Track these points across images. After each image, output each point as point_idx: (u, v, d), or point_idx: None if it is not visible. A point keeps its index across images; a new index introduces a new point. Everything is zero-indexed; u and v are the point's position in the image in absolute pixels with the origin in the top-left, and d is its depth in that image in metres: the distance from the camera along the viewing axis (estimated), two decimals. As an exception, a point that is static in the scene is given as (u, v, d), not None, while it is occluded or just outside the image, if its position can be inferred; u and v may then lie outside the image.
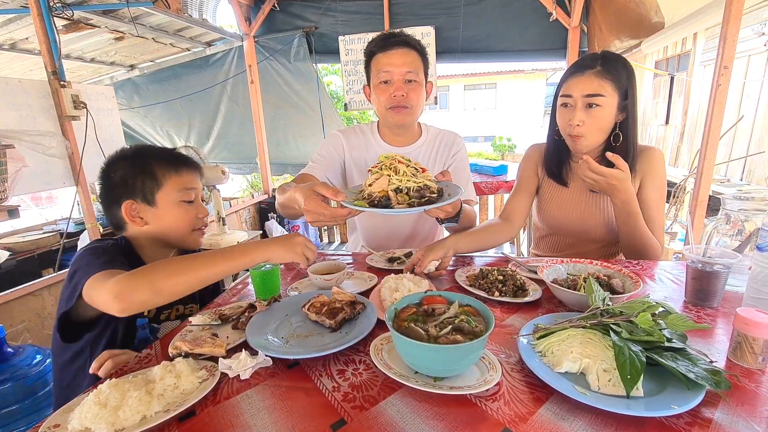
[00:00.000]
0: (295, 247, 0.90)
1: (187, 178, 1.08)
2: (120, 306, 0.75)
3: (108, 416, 0.61)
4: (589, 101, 1.18)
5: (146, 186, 1.03)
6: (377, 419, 0.60)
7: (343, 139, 1.51)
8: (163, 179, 1.04)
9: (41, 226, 3.22)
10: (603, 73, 1.17)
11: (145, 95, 4.46)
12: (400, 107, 1.37)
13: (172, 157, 1.08)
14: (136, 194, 1.03)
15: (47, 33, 2.21)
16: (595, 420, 0.58)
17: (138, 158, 1.05)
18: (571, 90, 1.21)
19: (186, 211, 1.07)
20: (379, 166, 1.02)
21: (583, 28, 3.51)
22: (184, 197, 1.06)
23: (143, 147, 1.10)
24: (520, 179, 1.49)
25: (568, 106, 1.23)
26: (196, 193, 1.09)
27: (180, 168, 1.07)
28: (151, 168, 1.03)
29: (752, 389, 0.64)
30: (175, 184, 1.05)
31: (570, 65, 1.30)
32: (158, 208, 1.04)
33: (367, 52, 1.40)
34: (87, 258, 0.90)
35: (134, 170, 1.03)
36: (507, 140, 14.86)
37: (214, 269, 0.82)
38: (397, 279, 1.04)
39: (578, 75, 1.20)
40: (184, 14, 3.12)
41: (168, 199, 1.04)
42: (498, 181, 3.42)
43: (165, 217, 1.05)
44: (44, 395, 1.47)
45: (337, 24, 3.83)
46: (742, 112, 4.45)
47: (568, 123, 1.23)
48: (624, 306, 0.75)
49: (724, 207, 1.08)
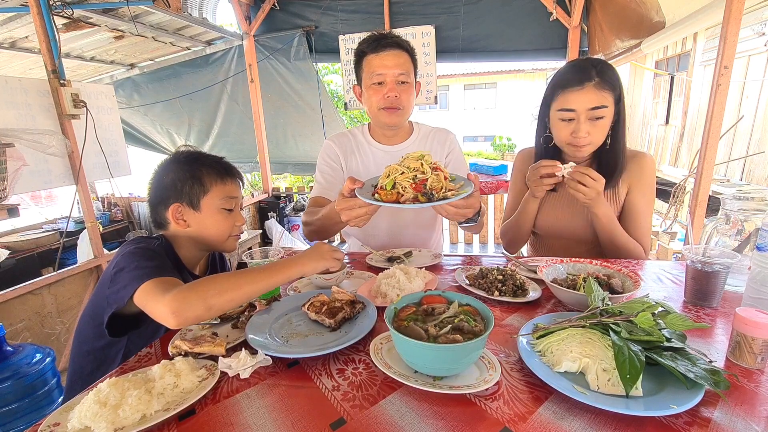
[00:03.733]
0: (324, 254, 0.96)
1: (231, 187, 1.13)
2: (176, 321, 0.79)
3: (108, 415, 0.61)
4: (594, 114, 1.18)
5: (193, 191, 1.08)
6: (377, 418, 0.60)
7: (336, 147, 1.55)
8: (210, 186, 1.09)
9: (41, 225, 3.22)
10: (602, 83, 1.16)
11: (145, 94, 4.45)
12: (393, 108, 1.39)
13: (220, 166, 1.13)
14: (183, 197, 1.07)
15: (47, 31, 2.20)
16: (594, 419, 0.58)
17: (189, 164, 1.10)
18: (572, 104, 1.19)
19: (225, 218, 1.12)
20: (397, 166, 1.03)
21: (583, 28, 3.50)
22: (226, 205, 1.11)
23: (195, 153, 1.14)
24: (513, 189, 1.53)
25: (570, 121, 1.21)
26: (236, 202, 1.14)
27: (225, 177, 1.12)
28: (200, 174, 1.08)
29: (751, 389, 0.64)
30: (220, 192, 1.10)
31: (559, 74, 1.26)
32: (201, 213, 1.09)
33: (358, 52, 1.41)
34: (136, 260, 0.91)
35: (185, 175, 1.08)
36: (507, 140, 14.86)
37: (256, 286, 0.86)
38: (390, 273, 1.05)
39: (577, 88, 1.18)
40: (183, 13, 3.12)
41: (211, 206, 1.09)
42: (498, 181, 3.43)
43: (206, 222, 1.10)
44: (44, 394, 1.47)
45: (337, 23, 3.83)
46: (742, 112, 4.46)
47: (572, 136, 1.22)
48: (623, 306, 0.75)
49: (724, 207, 1.08)
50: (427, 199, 0.94)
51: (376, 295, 1.01)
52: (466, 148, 15.26)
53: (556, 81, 1.25)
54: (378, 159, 1.53)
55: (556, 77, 1.26)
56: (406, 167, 0.99)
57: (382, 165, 1.50)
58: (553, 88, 1.25)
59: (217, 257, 1.34)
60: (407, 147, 1.54)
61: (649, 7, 2.76)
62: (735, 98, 4.58)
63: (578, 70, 1.20)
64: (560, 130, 1.25)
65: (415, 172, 0.97)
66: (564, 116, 1.22)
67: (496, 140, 14.92)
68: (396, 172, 0.98)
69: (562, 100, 1.21)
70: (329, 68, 8.17)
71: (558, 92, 1.23)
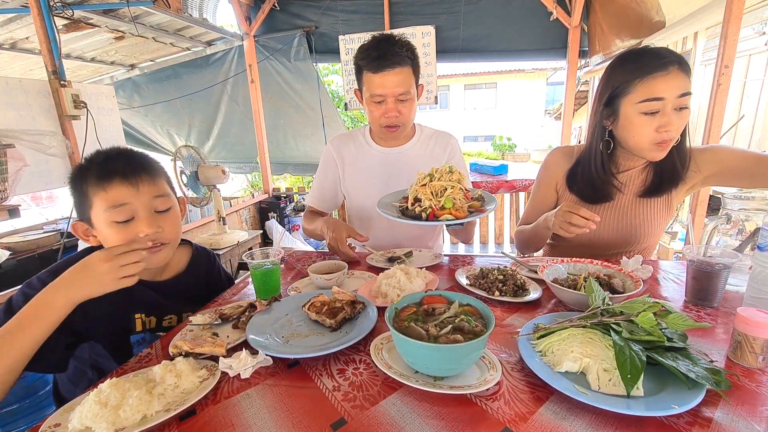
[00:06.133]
0: (100, 276, 0.70)
1: (115, 193, 0.87)
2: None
3: (108, 415, 0.61)
4: (681, 103, 1.03)
5: (82, 206, 0.90)
6: (377, 419, 0.60)
7: (333, 151, 1.58)
8: (92, 197, 0.88)
9: (42, 226, 3.22)
10: (683, 66, 1.01)
11: (145, 95, 4.45)
12: (393, 126, 1.40)
13: (102, 167, 0.89)
14: (80, 213, 0.92)
15: (47, 32, 2.21)
16: (595, 419, 0.58)
17: (77, 172, 0.91)
18: (662, 92, 1.02)
19: (118, 233, 0.88)
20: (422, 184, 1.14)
21: (583, 28, 3.50)
22: (114, 217, 0.88)
23: (93, 156, 0.93)
24: (538, 192, 1.39)
25: (654, 114, 1.05)
26: (132, 210, 0.89)
27: (104, 182, 0.87)
28: (82, 183, 0.89)
29: (752, 389, 0.64)
30: (101, 202, 0.88)
31: (630, 62, 1.07)
32: (96, 229, 0.91)
33: (357, 64, 1.37)
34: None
35: (72, 187, 0.92)
36: (507, 140, 14.87)
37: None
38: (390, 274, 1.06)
39: (663, 73, 1.01)
40: (184, 14, 3.12)
41: (99, 219, 0.89)
42: (498, 181, 3.43)
43: (103, 239, 0.91)
44: (45, 394, 1.48)
45: (337, 23, 3.83)
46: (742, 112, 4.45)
47: (659, 132, 1.05)
48: (624, 305, 0.75)
49: (725, 206, 1.08)
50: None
51: (376, 295, 1.01)
52: (467, 148, 15.27)
53: (629, 71, 1.07)
54: (378, 160, 1.54)
55: (627, 67, 1.07)
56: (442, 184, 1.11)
57: (383, 166, 1.51)
58: (626, 79, 1.07)
59: (202, 256, 1.18)
60: (408, 149, 1.54)
61: (650, 7, 2.76)
62: (735, 98, 4.57)
63: (656, 54, 1.03)
64: (642, 127, 1.07)
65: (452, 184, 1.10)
66: (650, 108, 1.04)
67: (496, 140, 14.94)
68: (440, 188, 1.10)
69: (645, 89, 1.03)
70: (329, 68, 8.17)
71: (635, 82, 1.05)
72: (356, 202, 1.59)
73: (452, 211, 1.08)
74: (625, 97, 1.09)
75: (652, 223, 1.25)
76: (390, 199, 1.27)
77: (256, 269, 1.02)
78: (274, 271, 1.04)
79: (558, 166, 1.34)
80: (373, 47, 1.31)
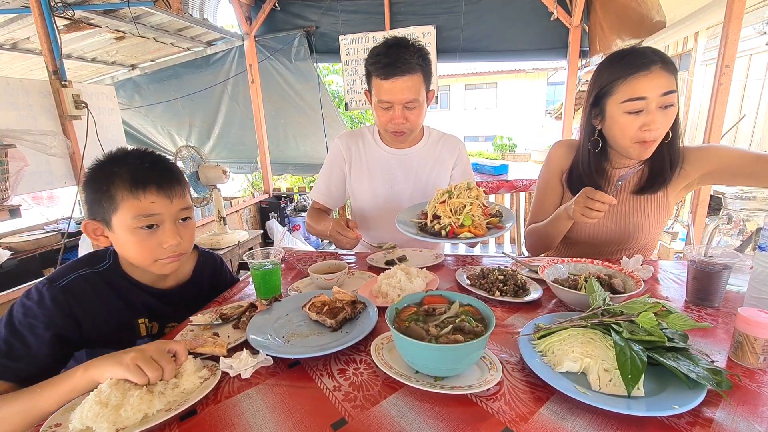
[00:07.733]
0: (123, 362, 0.67)
1: (146, 203, 0.88)
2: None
3: (109, 415, 0.61)
4: (665, 101, 1.05)
5: (103, 207, 0.89)
6: (378, 419, 0.60)
7: (341, 145, 1.57)
8: (120, 202, 0.88)
9: (42, 226, 3.22)
10: (667, 65, 1.04)
11: (146, 95, 4.46)
12: (400, 132, 1.40)
13: (135, 174, 0.89)
14: (96, 214, 0.91)
15: (48, 33, 2.21)
16: (595, 420, 0.58)
17: (100, 171, 0.90)
18: (644, 91, 1.04)
19: (143, 239, 0.90)
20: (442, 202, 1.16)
21: (584, 28, 3.50)
22: (140, 223, 0.89)
23: (113, 156, 0.93)
24: (543, 186, 1.38)
25: (638, 113, 1.07)
26: (159, 219, 0.91)
27: (138, 190, 0.88)
28: (110, 187, 0.88)
29: (753, 389, 0.64)
30: (131, 210, 0.88)
31: (614, 64, 1.10)
32: (114, 233, 0.91)
33: (367, 68, 1.35)
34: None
35: (93, 186, 0.90)
36: (508, 140, 14.87)
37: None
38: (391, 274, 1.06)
39: (644, 73, 1.04)
40: (184, 14, 3.12)
41: (122, 225, 0.89)
42: (498, 181, 3.42)
43: (121, 243, 0.91)
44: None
45: (337, 23, 3.83)
46: (743, 112, 4.44)
47: (642, 130, 1.07)
48: (625, 306, 0.75)
49: (726, 206, 1.08)
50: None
51: (377, 295, 1.01)
52: (467, 147, 15.25)
53: (612, 71, 1.10)
54: (385, 161, 1.54)
55: (612, 67, 1.11)
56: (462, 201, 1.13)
57: (389, 167, 1.52)
58: (610, 80, 1.10)
59: (208, 262, 1.17)
60: (416, 151, 1.54)
61: (650, 7, 2.75)
62: (736, 97, 4.57)
63: (638, 55, 1.06)
64: (626, 126, 1.09)
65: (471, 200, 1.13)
66: (633, 107, 1.07)
67: (496, 140, 14.94)
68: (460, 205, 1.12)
69: (627, 89, 1.06)
70: (330, 68, 8.16)
71: (619, 82, 1.08)
72: (360, 201, 1.59)
73: (471, 229, 1.09)
74: (610, 97, 1.12)
75: (648, 221, 1.26)
76: (408, 215, 1.26)
77: (257, 269, 1.02)
78: (274, 271, 1.04)
79: (562, 158, 1.35)
80: (384, 53, 1.28)
